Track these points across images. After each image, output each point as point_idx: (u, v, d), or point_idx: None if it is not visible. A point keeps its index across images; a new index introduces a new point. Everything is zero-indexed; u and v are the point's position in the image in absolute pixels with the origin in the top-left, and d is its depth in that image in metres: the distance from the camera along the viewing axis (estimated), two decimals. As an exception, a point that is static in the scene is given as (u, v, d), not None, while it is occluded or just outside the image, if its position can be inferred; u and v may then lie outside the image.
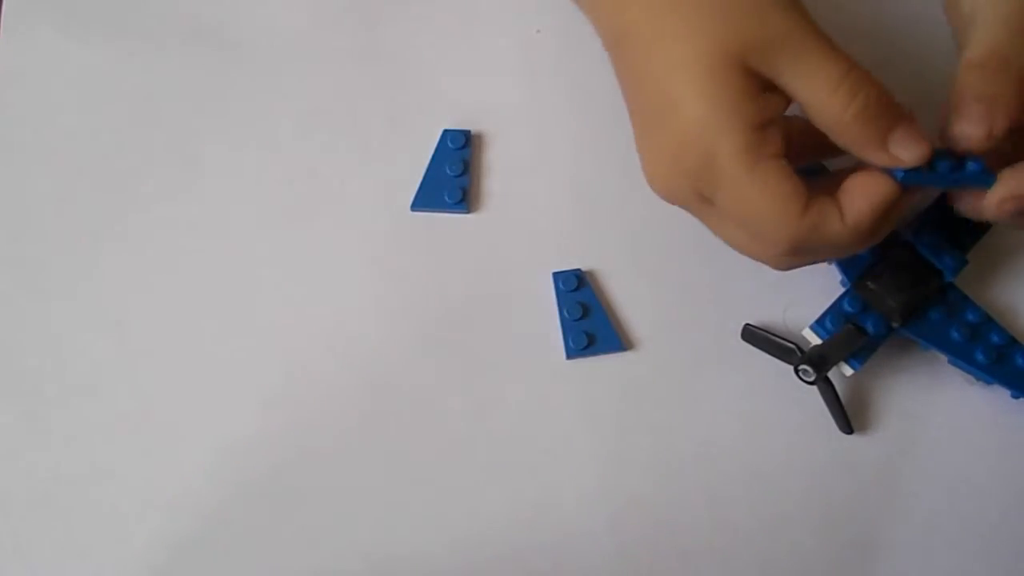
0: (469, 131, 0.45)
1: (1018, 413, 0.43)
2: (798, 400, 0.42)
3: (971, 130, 0.35)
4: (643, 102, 0.35)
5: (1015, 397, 0.42)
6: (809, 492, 0.42)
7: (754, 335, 0.42)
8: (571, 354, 0.42)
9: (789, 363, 0.41)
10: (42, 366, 0.42)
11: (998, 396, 0.42)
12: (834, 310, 0.41)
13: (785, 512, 0.42)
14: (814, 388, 0.41)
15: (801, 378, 0.41)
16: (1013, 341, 0.42)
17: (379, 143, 0.45)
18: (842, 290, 0.42)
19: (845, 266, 0.42)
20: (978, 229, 0.43)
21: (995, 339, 0.42)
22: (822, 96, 0.34)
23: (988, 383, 0.42)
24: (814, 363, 0.40)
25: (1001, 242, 0.44)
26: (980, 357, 0.41)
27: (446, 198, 0.44)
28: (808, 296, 0.43)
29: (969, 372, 0.42)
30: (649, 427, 0.42)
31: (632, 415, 0.42)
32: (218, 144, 0.45)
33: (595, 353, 0.43)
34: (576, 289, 0.43)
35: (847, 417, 0.41)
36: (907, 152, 0.35)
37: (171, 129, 0.45)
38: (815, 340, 0.41)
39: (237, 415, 0.42)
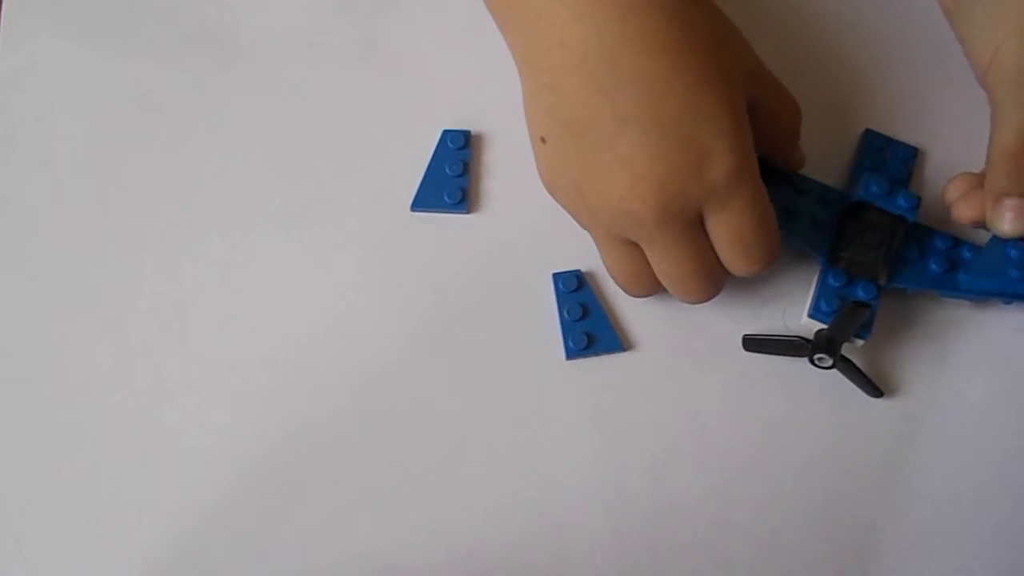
0: (469, 131, 0.45)
1: (999, 398, 0.43)
2: (796, 399, 0.42)
3: (1008, 229, 0.39)
4: (651, 114, 0.35)
5: (1007, 303, 0.42)
6: (808, 490, 0.42)
7: (757, 342, 0.41)
8: (571, 354, 0.42)
9: (801, 356, 0.41)
10: (42, 366, 0.42)
11: (994, 311, 0.43)
12: (823, 290, 0.41)
13: (784, 511, 0.42)
14: (811, 385, 0.41)
15: (818, 366, 0.40)
16: (978, 248, 0.42)
17: (379, 143, 0.45)
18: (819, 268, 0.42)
19: (813, 245, 0.42)
20: (909, 161, 0.44)
21: (967, 255, 0.42)
22: (788, 105, 0.40)
23: (981, 300, 0.42)
24: (826, 348, 0.40)
25: (933, 167, 0.45)
26: (963, 278, 0.41)
27: (446, 198, 0.44)
28: (798, 286, 0.43)
29: (960, 298, 0.42)
30: (649, 427, 0.42)
31: (632, 415, 0.42)
32: (218, 144, 0.45)
33: (595, 353, 0.43)
34: (576, 290, 0.43)
35: (875, 384, 0.41)
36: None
37: (170, 130, 0.45)
38: (817, 327, 0.41)
39: (237, 415, 0.42)
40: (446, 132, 0.45)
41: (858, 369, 0.41)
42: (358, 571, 0.41)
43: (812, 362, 0.41)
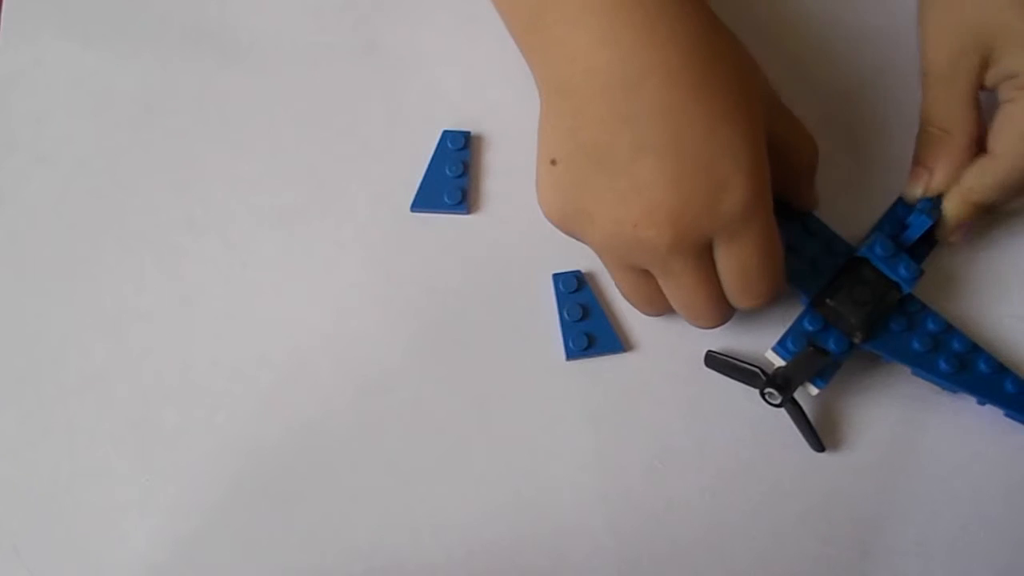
0: (469, 132, 0.45)
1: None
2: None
3: (910, 191, 0.44)
4: (670, 143, 0.35)
5: (980, 403, 0.42)
6: (808, 492, 0.42)
7: (716, 361, 0.41)
8: (571, 355, 0.42)
9: (754, 387, 0.41)
10: (42, 366, 0.42)
11: (964, 404, 0.42)
12: (795, 330, 0.41)
13: (783, 512, 0.42)
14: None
15: (767, 401, 0.40)
16: (975, 347, 0.42)
17: (379, 143, 0.45)
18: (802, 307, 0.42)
19: (802, 285, 0.42)
20: (932, 239, 0.43)
21: (957, 346, 0.41)
22: (805, 143, 0.40)
23: (953, 392, 0.42)
24: (778, 386, 0.40)
25: (955, 250, 0.44)
26: (943, 366, 0.41)
27: (446, 199, 0.44)
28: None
29: (933, 382, 0.42)
30: (649, 428, 0.42)
31: (632, 416, 0.42)
32: (218, 144, 0.45)
33: (595, 354, 0.43)
34: (576, 290, 0.43)
35: (817, 436, 0.41)
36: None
37: (171, 129, 0.45)
38: (778, 362, 0.41)
39: (237, 415, 0.42)
40: (446, 133, 0.45)
41: (805, 417, 0.41)
42: (357, 571, 0.41)
43: (762, 396, 0.40)
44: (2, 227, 0.44)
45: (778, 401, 0.40)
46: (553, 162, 0.37)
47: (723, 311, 0.39)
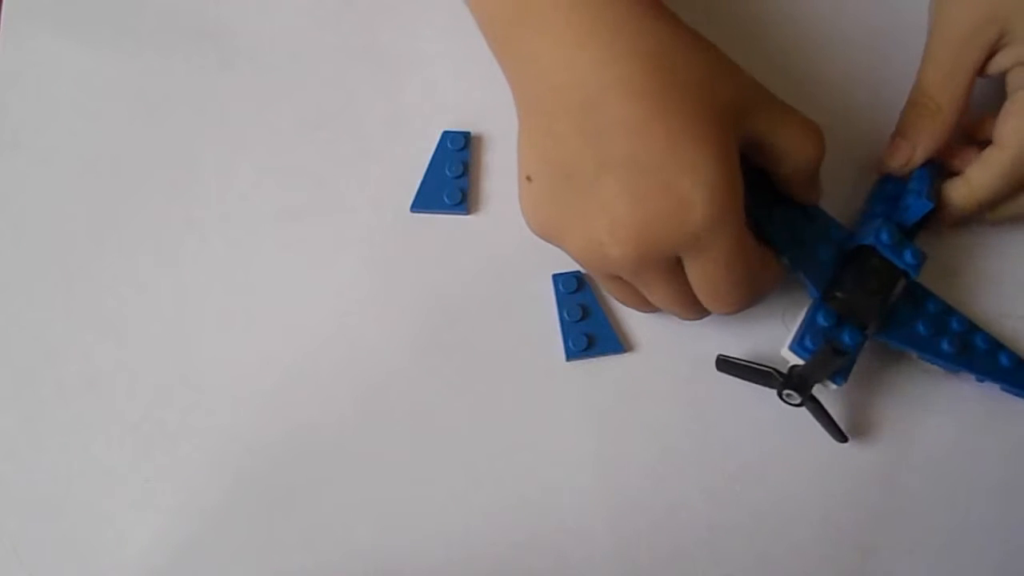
0: (469, 132, 0.45)
1: (984, 416, 0.43)
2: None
3: (889, 162, 0.43)
4: (631, 160, 0.35)
5: (979, 380, 0.42)
6: (808, 492, 0.42)
7: (730, 364, 0.41)
8: (571, 356, 0.42)
9: (770, 388, 0.40)
10: (42, 366, 0.42)
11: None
12: (810, 327, 0.40)
13: (784, 512, 0.42)
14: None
15: (786, 401, 0.40)
16: (973, 326, 0.42)
17: (379, 144, 0.45)
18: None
19: (811, 277, 0.41)
20: (923, 219, 0.43)
21: (956, 326, 0.42)
22: (800, 141, 0.38)
23: (955, 372, 0.42)
24: (795, 386, 0.39)
25: (953, 246, 0.45)
26: (946, 347, 0.41)
27: (445, 199, 0.44)
28: (798, 289, 0.43)
29: (938, 364, 0.42)
30: (649, 428, 0.42)
31: (631, 416, 0.42)
32: (218, 144, 0.45)
33: (595, 355, 0.43)
34: (576, 291, 0.43)
35: (839, 428, 0.41)
36: None
37: (171, 130, 0.45)
38: (795, 360, 0.40)
39: (237, 415, 0.42)
40: (446, 133, 0.45)
41: (825, 412, 0.41)
42: (357, 572, 0.41)
43: (780, 396, 0.40)
44: (2, 227, 0.44)
45: (798, 401, 0.40)
46: (528, 178, 0.37)
47: (701, 310, 0.39)
